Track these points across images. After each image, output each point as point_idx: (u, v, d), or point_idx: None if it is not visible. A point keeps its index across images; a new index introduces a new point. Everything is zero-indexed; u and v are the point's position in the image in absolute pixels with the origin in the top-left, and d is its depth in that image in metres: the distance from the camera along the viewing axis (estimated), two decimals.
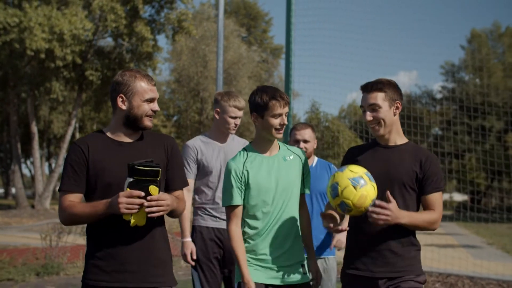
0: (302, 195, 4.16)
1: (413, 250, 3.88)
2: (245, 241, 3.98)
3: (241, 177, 3.94)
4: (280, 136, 3.96)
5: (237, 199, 3.95)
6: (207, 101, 42.87)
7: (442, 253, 13.74)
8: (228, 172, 3.99)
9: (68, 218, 3.49)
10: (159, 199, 3.29)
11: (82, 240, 11.98)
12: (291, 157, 4.07)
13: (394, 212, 3.63)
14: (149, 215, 3.32)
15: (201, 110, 43.54)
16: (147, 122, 3.55)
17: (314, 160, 5.54)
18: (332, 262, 5.46)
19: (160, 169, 3.29)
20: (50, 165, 61.06)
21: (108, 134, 3.61)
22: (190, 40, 40.09)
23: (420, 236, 4.10)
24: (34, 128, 33.22)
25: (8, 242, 15.42)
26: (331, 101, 62.64)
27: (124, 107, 3.52)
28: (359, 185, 3.54)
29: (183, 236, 5.15)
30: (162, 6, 30.88)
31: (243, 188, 3.95)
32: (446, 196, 53.43)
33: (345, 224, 4.26)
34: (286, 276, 3.95)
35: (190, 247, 5.14)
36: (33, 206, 32.53)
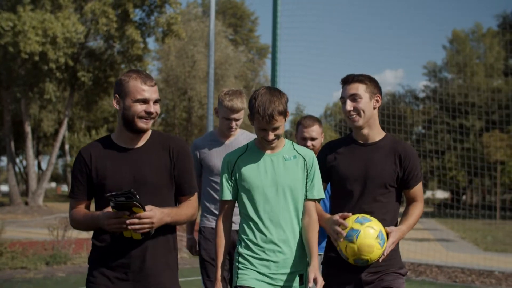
0: (308, 201, 3.80)
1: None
2: (241, 238, 3.77)
3: (232, 171, 3.76)
4: (273, 145, 3.73)
5: (225, 194, 3.78)
6: (194, 100, 43.75)
7: (418, 246, 14.83)
8: (222, 165, 3.84)
9: (73, 224, 3.57)
10: (142, 217, 3.21)
11: (86, 234, 13.06)
12: (293, 157, 3.77)
13: (397, 238, 3.70)
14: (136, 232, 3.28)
15: (189, 108, 44.42)
16: (141, 124, 3.42)
17: None
18: None
19: (133, 201, 3.16)
20: (39, 162, 61.85)
21: (114, 138, 3.55)
22: (178, 41, 40.97)
23: None
24: (28, 128, 34.06)
25: (12, 237, 16.32)
26: (317, 100, 63.39)
27: (118, 108, 3.46)
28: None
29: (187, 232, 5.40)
30: (152, 10, 31.73)
31: (233, 182, 3.77)
32: (428, 193, 54.58)
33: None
34: (279, 284, 3.67)
35: (190, 243, 5.35)
36: (26, 203, 33.39)
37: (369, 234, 3.54)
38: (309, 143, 5.10)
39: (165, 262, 3.50)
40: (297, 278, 3.71)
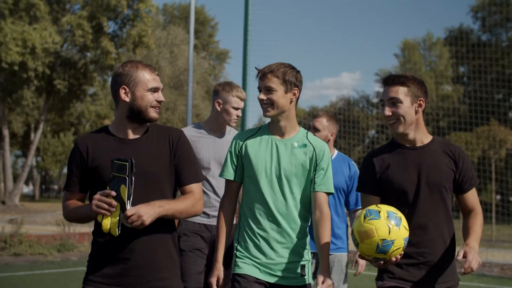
0: (319, 193, 3.63)
1: (454, 253, 3.53)
2: (243, 222, 3.66)
3: (239, 151, 3.66)
4: (269, 115, 3.60)
5: (227, 173, 3.68)
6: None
7: None
8: (231, 143, 3.73)
9: (66, 216, 3.49)
10: (127, 214, 3.09)
11: (87, 228, 15.50)
12: (303, 146, 3.63)
13: (476, 257, 3.22)
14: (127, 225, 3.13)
15: None
16: (153, 114, 3.37)
17: (334, 153, 5.24)
18: (344, 259, 5.21)
19: (127, 163, 3.09)
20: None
21: (112, 130, 3.44)
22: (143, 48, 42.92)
23: None
24: (6, 131, 36.04)
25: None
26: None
27: (127, 99, 3.34)
28: (369, 217, 3.15)
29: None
30: (125, 23, 33.95)
31: (239, 163, 3.67)
32: None
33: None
34: (278, 274, 3.56)
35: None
36: (3, 202, 35.25)
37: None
38: (312, 132, 4.74)
39: (166, 257, 3.40)
40: (299, 269, 3.60)
